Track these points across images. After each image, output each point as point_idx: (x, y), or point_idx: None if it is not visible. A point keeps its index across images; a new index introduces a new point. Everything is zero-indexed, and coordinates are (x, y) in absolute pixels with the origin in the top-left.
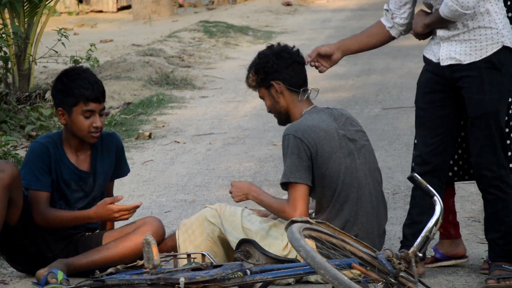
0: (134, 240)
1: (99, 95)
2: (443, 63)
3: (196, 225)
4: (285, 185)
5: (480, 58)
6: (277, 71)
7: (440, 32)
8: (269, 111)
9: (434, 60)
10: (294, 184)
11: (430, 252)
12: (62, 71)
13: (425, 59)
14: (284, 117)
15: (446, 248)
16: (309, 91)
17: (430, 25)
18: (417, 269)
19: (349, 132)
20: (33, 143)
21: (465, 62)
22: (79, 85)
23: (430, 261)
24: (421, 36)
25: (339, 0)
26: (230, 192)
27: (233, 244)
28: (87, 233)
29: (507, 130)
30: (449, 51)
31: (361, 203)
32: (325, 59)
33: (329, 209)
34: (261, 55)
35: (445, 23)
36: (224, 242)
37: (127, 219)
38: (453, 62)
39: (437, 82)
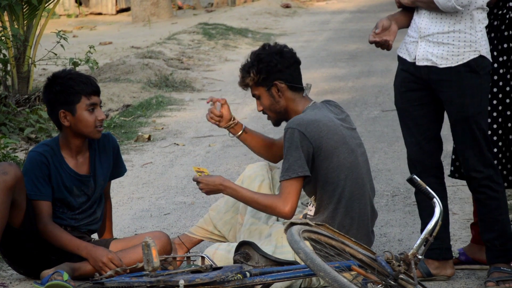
0: (141, 252)
1: (97, 87)
2: (419, 63)
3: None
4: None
5: (456, 64)
6: (280, 71)
7: (422, 25)
8: (264, 111)
9: (409, 59)
10: (292, 179)
11: (454, 254)
12: (49, 78)
13: (399, 58)
14: (282, 117)
15: (474, 252)
16: (310, 86)
17: (417, 1)
18: (446, 270)
19: (350, 129)
20: (30, 152)
21: (441, 66)
22: (77, 82)
23: (454, 263)
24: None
25: (338, 2)
26: (200, 189)
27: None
28: (93, 239)
29: (495, 126)
30: (425, 52)
31: (364, 200)
32: (386, 33)
33: (332, 206)
34: (261, 55)
35: (431, 8)
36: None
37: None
38: (429, 63)
39: (413, 81)
